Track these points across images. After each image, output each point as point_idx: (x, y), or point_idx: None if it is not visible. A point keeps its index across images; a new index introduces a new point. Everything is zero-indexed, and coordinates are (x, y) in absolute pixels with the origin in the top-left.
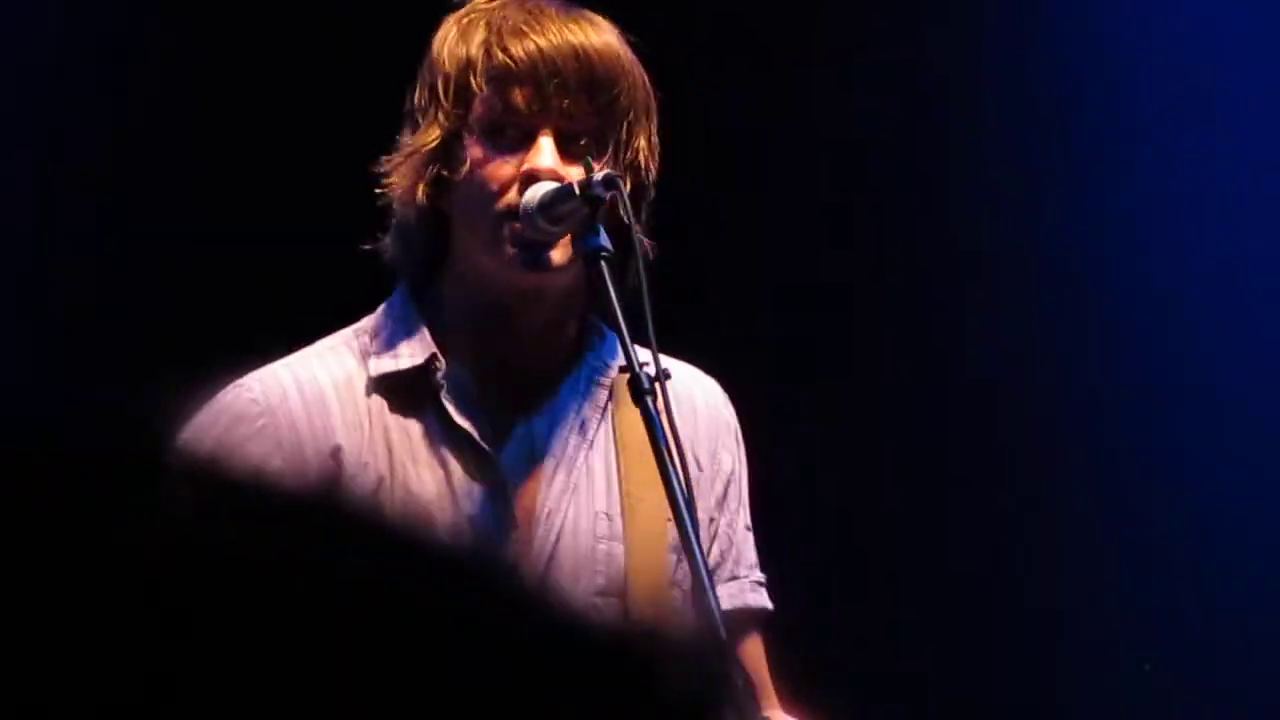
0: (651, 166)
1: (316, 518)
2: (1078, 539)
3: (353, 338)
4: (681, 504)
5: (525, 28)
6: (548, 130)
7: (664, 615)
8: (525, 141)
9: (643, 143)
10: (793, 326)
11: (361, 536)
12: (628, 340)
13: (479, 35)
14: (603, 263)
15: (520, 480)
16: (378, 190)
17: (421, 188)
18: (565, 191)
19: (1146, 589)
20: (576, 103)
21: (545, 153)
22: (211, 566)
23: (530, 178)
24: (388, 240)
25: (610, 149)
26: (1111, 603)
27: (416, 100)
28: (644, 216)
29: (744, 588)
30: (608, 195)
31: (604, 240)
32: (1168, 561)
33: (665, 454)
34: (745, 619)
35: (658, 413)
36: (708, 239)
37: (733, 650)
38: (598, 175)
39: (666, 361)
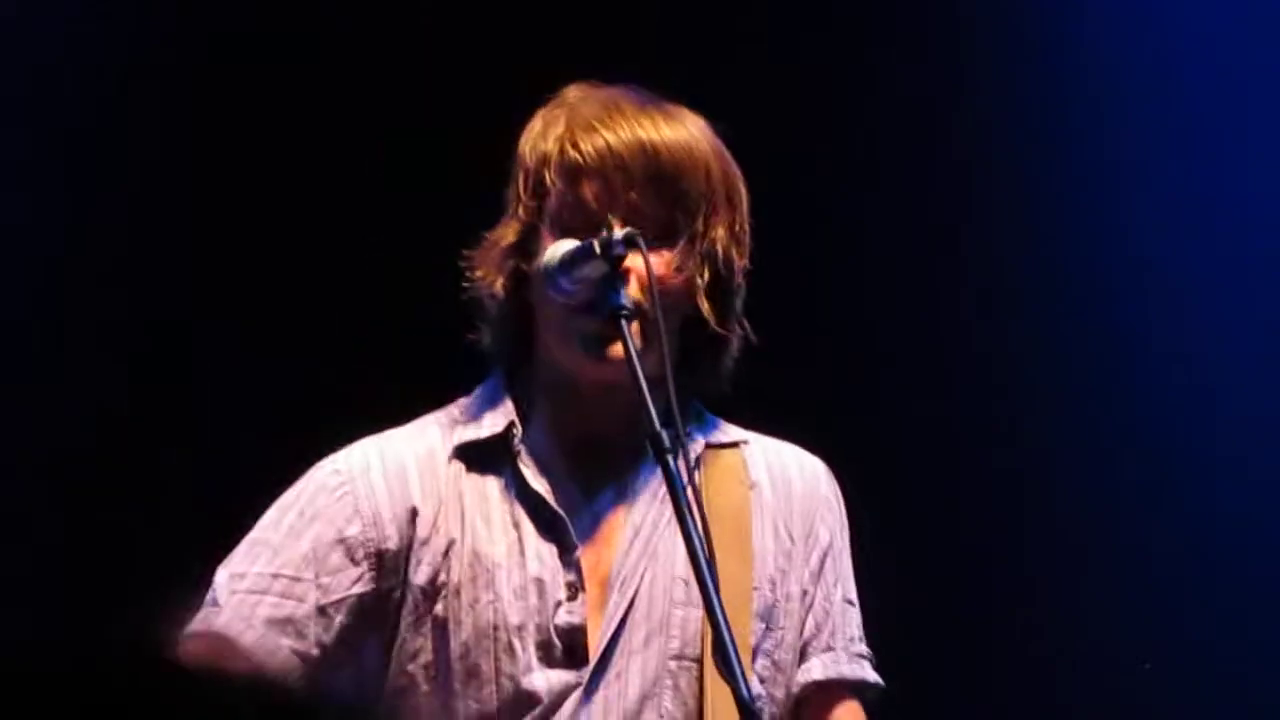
0: (734, 256)
1: None
2: (1078, 540)
3: (443, 414)
4: (702, 563)
5: (598, 123)
6: (616, 223)
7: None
8: (595, 233)
9: (721, 232)
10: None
11: None
12: (647, 397)
13: (558, 129)
14: (623, 321)
15: (596, 545)
16: (464, 285)
17: (501, 282)
18: (585, 249)
19: (1147, 589)
20: (643, 196)
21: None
22: None
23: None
24: (482, 334)
25: (684, 240)
26: (1112, 603)
27: (509, 193)
28: (735, 306)
29: (839, 659)
30: (627, 252)
31: (624, 299)
32: (1168, 562)
33: (684, 512)
34: (840, 688)
35: (678, 472)
36: None
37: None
38: (618, 234)
39: (778, 443)
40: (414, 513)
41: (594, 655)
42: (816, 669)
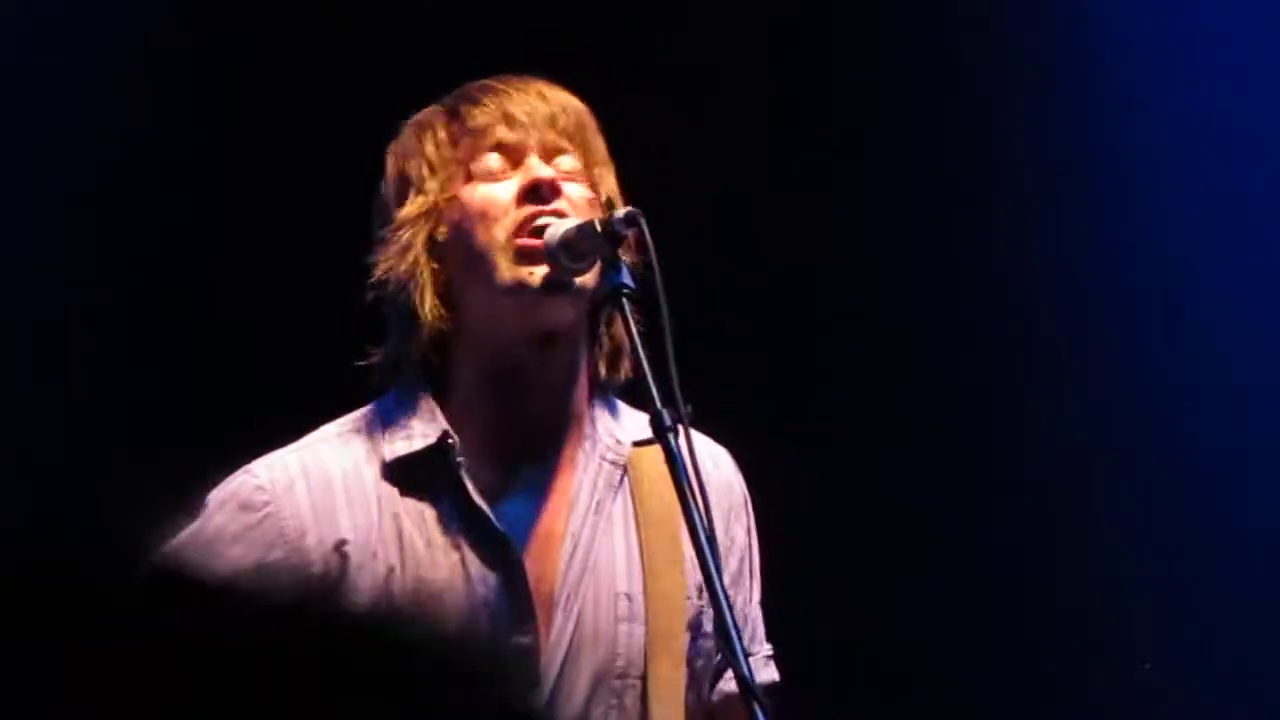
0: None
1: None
2: (1078, 540)
3: (361, 422)
4: (704, 544)
5: (489, 86)
6: (534, 151)
7: (675, 697)
8: (513, 170)
9: (614, 183)
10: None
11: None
12: (649, 378)
13: (439, 118)
14: (624, 300)
15: (536, 563)
16: (371, 284)
17: (418, 250)
18: (587, 229)
19: (1147, 589)
20: (556, 127)
21: (539, 165)
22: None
23: (533, 188)
24: (380, 351)
25: (594, 174)
26: (1113, 603)
27: (385, 201)
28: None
29: (758, 665)
30: (629, 232)
31: (626, 278)
32: (1168, 562)
33: (688, 492)
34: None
35: (679, 451)
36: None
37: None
38: (619, 212)
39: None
40: (341, 543)
41: (545, 678)
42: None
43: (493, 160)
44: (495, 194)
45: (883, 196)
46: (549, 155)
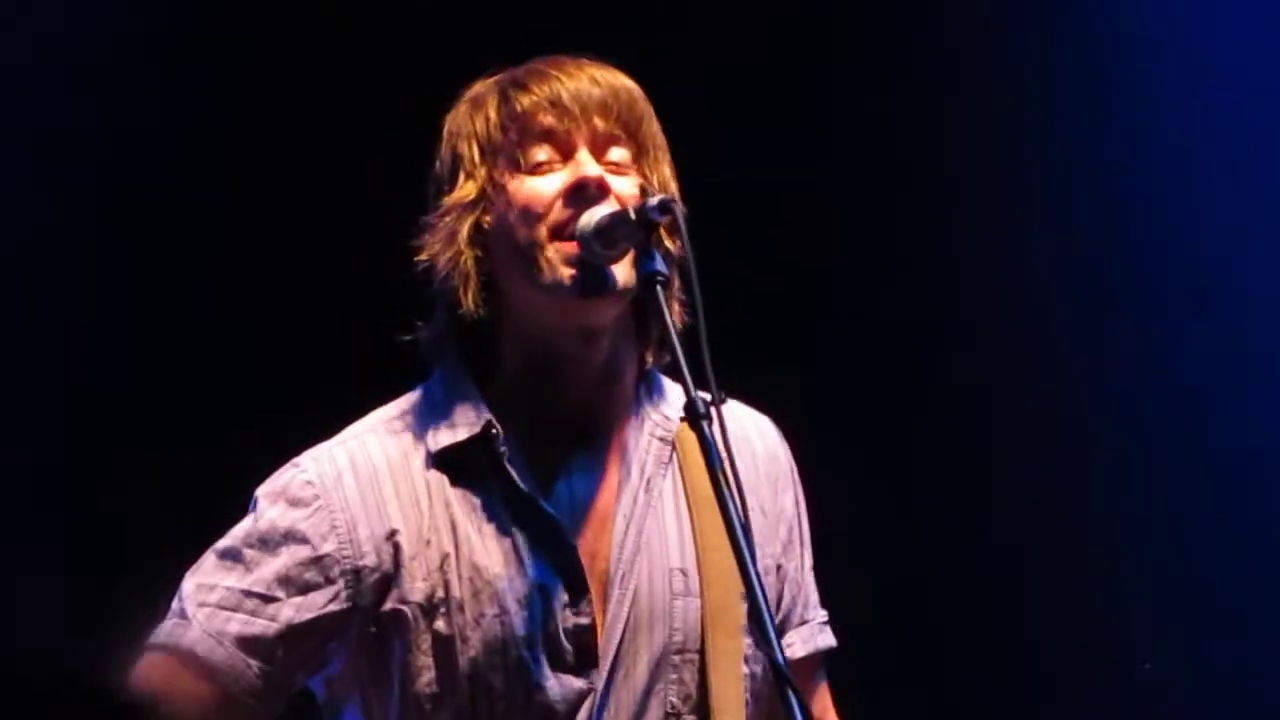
0: (677, 196)
1: None
2: (1078, 541)
3: (406, 410)
4: (738, 531)
5: (541, 69)
6: (583, 145)
7: (734, 669)
8: (562, 164)
9: (668, 172)
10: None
11: None
12: (684, 365)
13: (492, 95)
14: (659, 287)
15: (590, 543)
16: (417, 260)
17: (464, 237)
18: (620, 216)
19: (1147, 589)
20: (605, 120)
21: (588, 162)
22: None
23: (579, 187)
24: (426, 327)
25: (644, 171)
26: (1112, 603)
27: (436, 177)
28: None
29: (814, 631)
30: (663, 219)
31: (660, 264)
32: (1168, 562)
33: (721, 479)
34: (817, 661)
35: (713, 438)
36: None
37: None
38: (652, 200)
39: (732, 406)
40: (393, 533)
41: (604, 657)
42: (798, 645)
43: (541, 152)
44: (540, 190)
45: (883, 195)
46: (599, 146)
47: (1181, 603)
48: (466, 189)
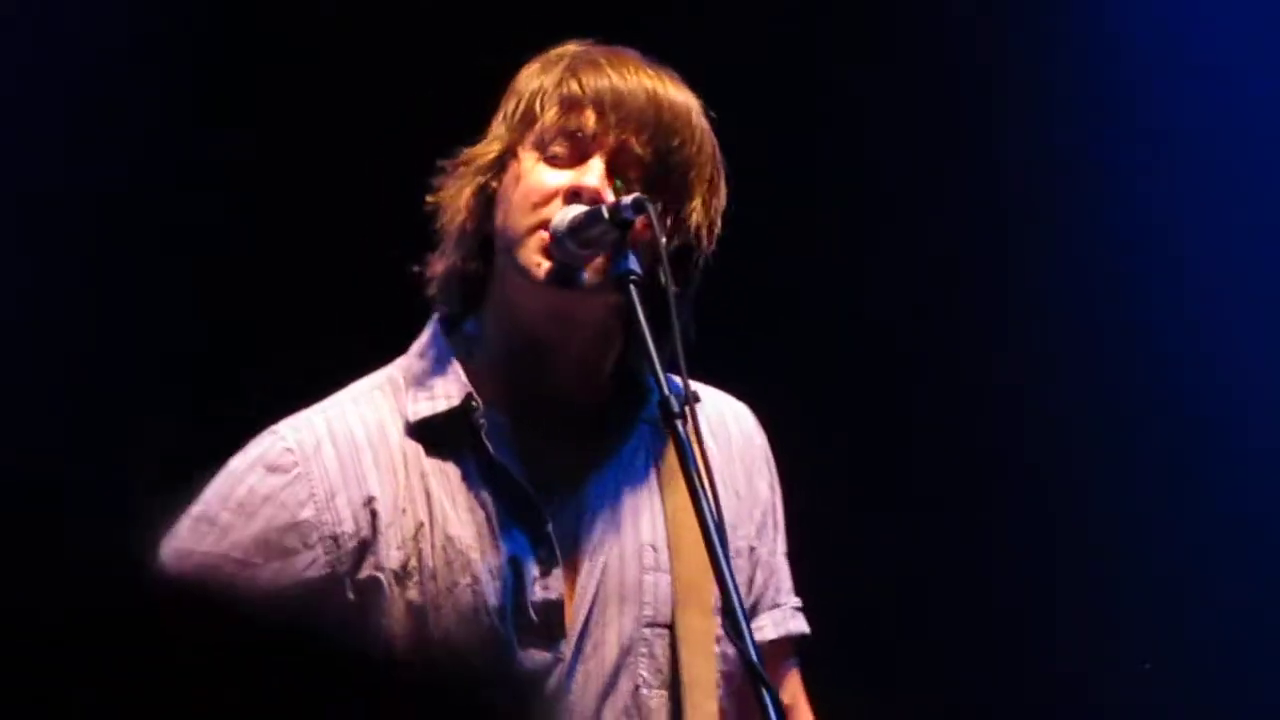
0: (704, 234)
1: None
2: (1078, 540)
3: (385, 381)
4: (712, 530)
5: (603, 63)
6: (601, 155)
7: (706, 646)
8: (577, 164)
9: (698, 205)
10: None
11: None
12: (656, 363)
13: (558, 68)
14: (631, 286)
15: (562, 518)
16: (427, 199)
17: (469, 195)
18: (594, 215)
19: (1147, 589)
20: (637, 138)
21: (593, 173)
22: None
23: (574, 194)
24: (433, 258)
25: (663, 199)
26: (1111, 602)
27: (502, 104)
28: (689, 282)
29: (786, 615)
30: (637, 219)
31: (633, 264)
32: (1168, 562)
33: (695, 478)
34: (788, 646)
35: (688, 437)
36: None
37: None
38: (627, 199)
39: (696, 386)
40: (370, 500)
41: (572, 630)
42: (769, 628)
43: (560, 145)
44: (544, 182)
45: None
46: (619, 161)
47: (1181, 602)
48: (491, 148)
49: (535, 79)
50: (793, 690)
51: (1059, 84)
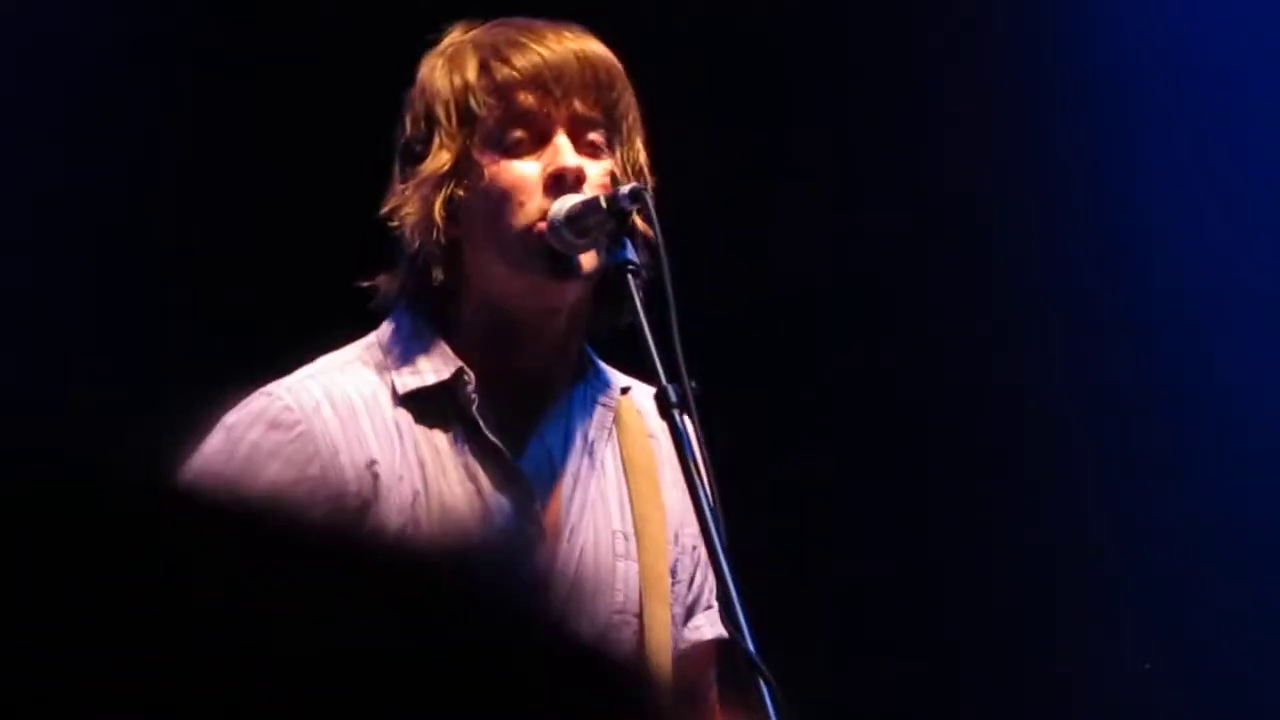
0: (647, 171)
1: (329, 553)
2: (1078, 540)
3: (365, 353)
4: (710, 522)
5: (522, 39)
6: (561, 129)
7: (666, 637)
8: (539, 146)
9: (640, 146)
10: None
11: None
12: (654, 353)
13: (472, 59)
14: (629, 276)
15: (543, 495)
16: (389, 225)
17: (438, 210)
18: (591, 204)
19: (1147, 589)
20: (584, 101)
21: (566, 150)
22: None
23: (557, 177)
24: (386, 276)
25: (616, 152)
26: (1111, 602)
27: (410, 135)
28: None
29: (712, 618)
30: (633, 208)
31: (631, 253)
32: (1168, 562)
33: (694, 470)
34: (712, 645)
35: (685, 428)
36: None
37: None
38: (624, 189)
39: (633, 382)
40: (372, 463)
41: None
42: (706, 628)
43: (518, 131)
44: (521, 175)
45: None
46: (577, 129)
47: (1182, 602)
48: (442, 159)
49: (451, 75)
50: (715, 693)
51: (1057, 82)
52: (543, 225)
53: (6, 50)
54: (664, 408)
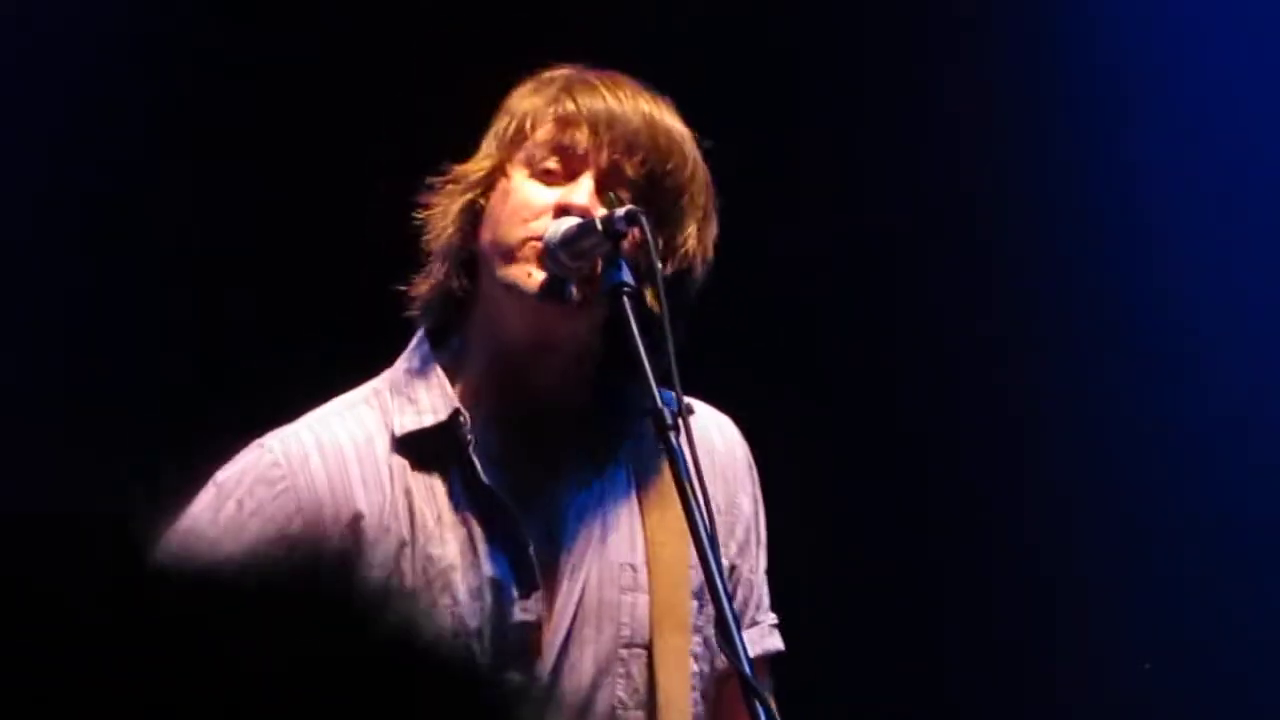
0: (698, 262)
1: (302, 609)
2: (1079, 539)
3: (372, 395)
4: (705, 543)
5: (598, 84)
6: (591, 173)
7: (682, 666)
8: (567, 181)
9: (692, 231)
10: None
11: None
12: (649, 375)
13: (552, 89)
14: (624, 298)
15: (542, 536)
16: (414, 216)
17: (457, 211)
18: (587, 226)
19: (1147, 589)
20: (629, 159)
21: (583, 190)
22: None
23: (563, 211)
24: (419, 278)
25: (655, 222)
26: (1111, 602)
27: (495, 122)
28: (683, 305)
29: (764, 633)
30: (629, 230)
31: (626, 275)
32: (1168, 562)
33: (689, 491)
34: (764, 665)
35: (680, 449)
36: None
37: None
38: (620, 211)
39: (692, 404)
40: (358, 516)
41: (549, 651)
42: (747, 646)
43: (553, 161)
44: (535, 198)
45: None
46: (607, 180)
47: (1181, 602)
48: (481, 164)
49: (528, 99)
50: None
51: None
52: (537, 243)
53: (7, 50)
54: (660, 429)
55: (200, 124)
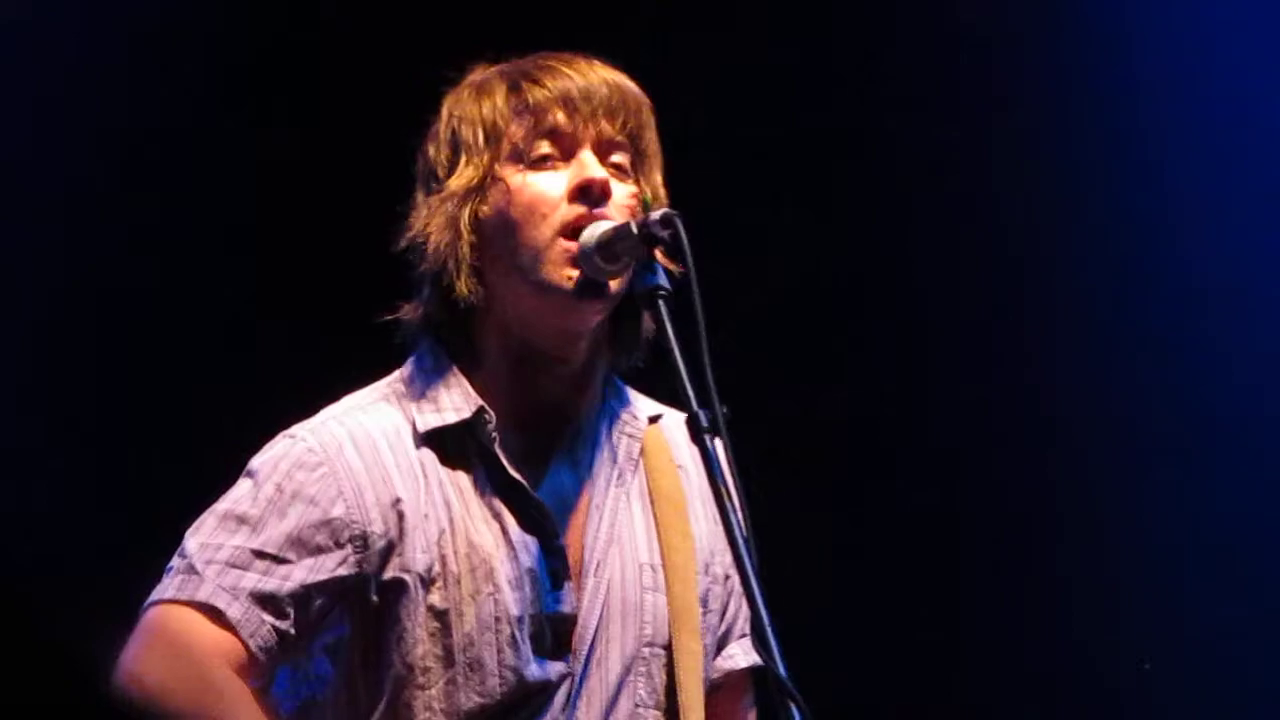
0: (665, 204)
1: None
2: (1079, 540)
3: (388, 393)
4: (741, 544)
5: (552, 65)
6: (588, 147)
7: (697, 668)
8: (564, 162)
9: (659, 180)
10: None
11: None
12: (685, 378)
13: (500, 84)
14: (661, 303)
15: (567, 532)
16: (406, 246)
17: (465, 224)
18: (623, 231)
19: (1147, 589)
20: (612, 124)
21: (592, 164)
22: None
23: (583, 188)
24: (409, 306)
25: (637, 176)
26: (1112, 602)
27: (433, 161)
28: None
29: (745, 647)
30: (665, 234)
31: (662, 279)
32: (1168, 562)
33: (724, 494)
34: (747, 674)
35: (716, 454)
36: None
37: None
38: (655, 215)
39: (659, 407)
40: (398, 501)
41: (581, 643)
42: (740, 657)
43: (545, 146)
44: (546, 188)
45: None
46: (603, 149)
47: (1182, 602)
48: (468, 175)
49: (482, 101)
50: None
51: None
52: (567, 242)
53: (8, 50)
54: (695, 433)
55: (200, 124)
